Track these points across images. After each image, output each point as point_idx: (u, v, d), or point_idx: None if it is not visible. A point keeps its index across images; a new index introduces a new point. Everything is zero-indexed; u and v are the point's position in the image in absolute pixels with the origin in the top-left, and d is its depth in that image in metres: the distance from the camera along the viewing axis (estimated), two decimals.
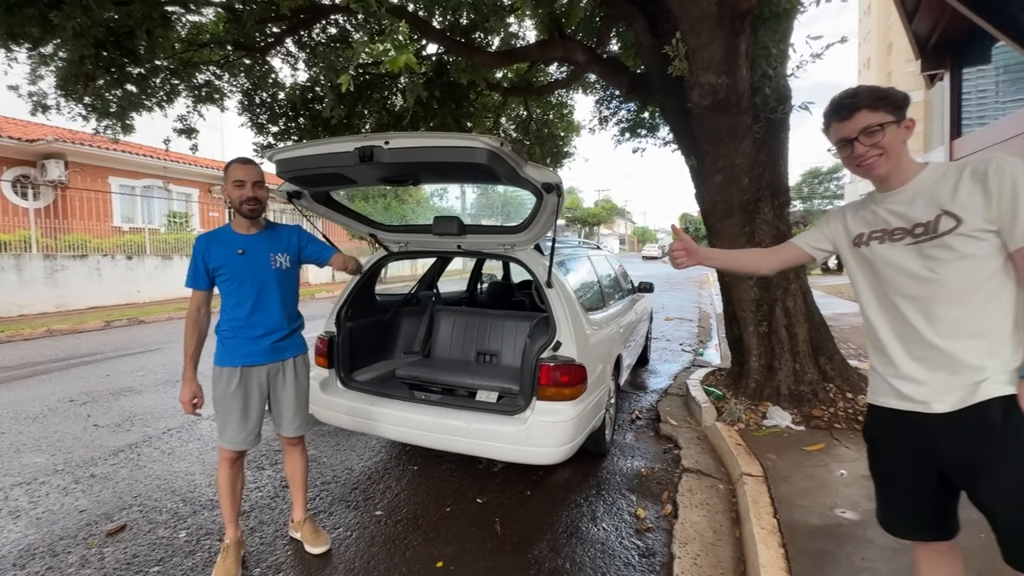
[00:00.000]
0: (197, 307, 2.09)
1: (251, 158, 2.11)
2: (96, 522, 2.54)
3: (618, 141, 9.05)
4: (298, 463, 2.33)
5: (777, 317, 3.77)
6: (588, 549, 2.33)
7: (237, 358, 2.09)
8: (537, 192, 2.36)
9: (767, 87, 3.18)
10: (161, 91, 6.29)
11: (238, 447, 2.11)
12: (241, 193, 2.03)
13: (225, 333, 2.11)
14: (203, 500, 2.75)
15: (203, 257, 2.06)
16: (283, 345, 2.18)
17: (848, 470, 2.76)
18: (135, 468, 3.15)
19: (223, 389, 2.08)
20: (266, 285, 2.11)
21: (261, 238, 2.14)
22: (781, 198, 3.84)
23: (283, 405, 2.20)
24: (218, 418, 2.11)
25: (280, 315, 2.15)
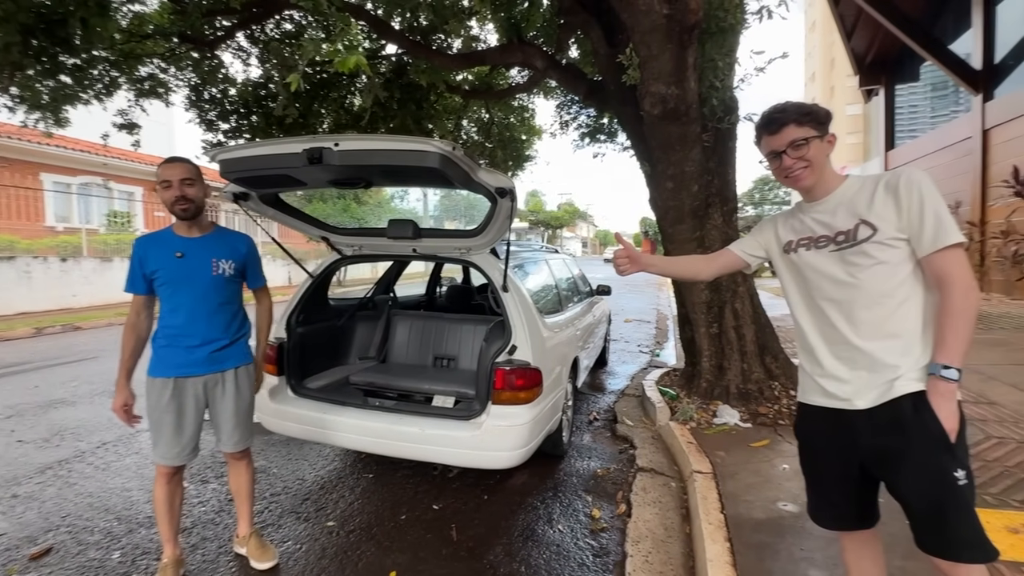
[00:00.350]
0: (136, 312, 2.00)
1: (181, 156, 2.03)
2: (17, 546, 2.35)
3: (578, 146, 9.17)
4: (242, 477, 2.25)
5: (727, 319, 3.92)
6: (543, 552, 2.35)
7: (170, 368, 1.99)
8: (491, 197, 2.36)
9: (714, 98, 3.32)
10: (99, 83, 5.93)
11: (172, 462, 2.01)
12: (169, 194, 1.93)
13: (160, 342, 2.01)
14: (140, 518, 2.60)
15: (140, 260, 1.97)
16: (222, 355, 2.07)
17: (790, 464, 2.89)
18: (64, 486, 2.94)
19: (155, 400, 1.98)
20: (205, 292, 2.01)
21: (204, 242, 2.04)
22: (730, 204, 4.00)
23: (221, 418, 2.10)
24: (152, 432, 2.01)
25: (219, 324, 2.06)
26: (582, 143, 9.11)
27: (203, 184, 2.00)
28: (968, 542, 1.22)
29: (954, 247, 1.21)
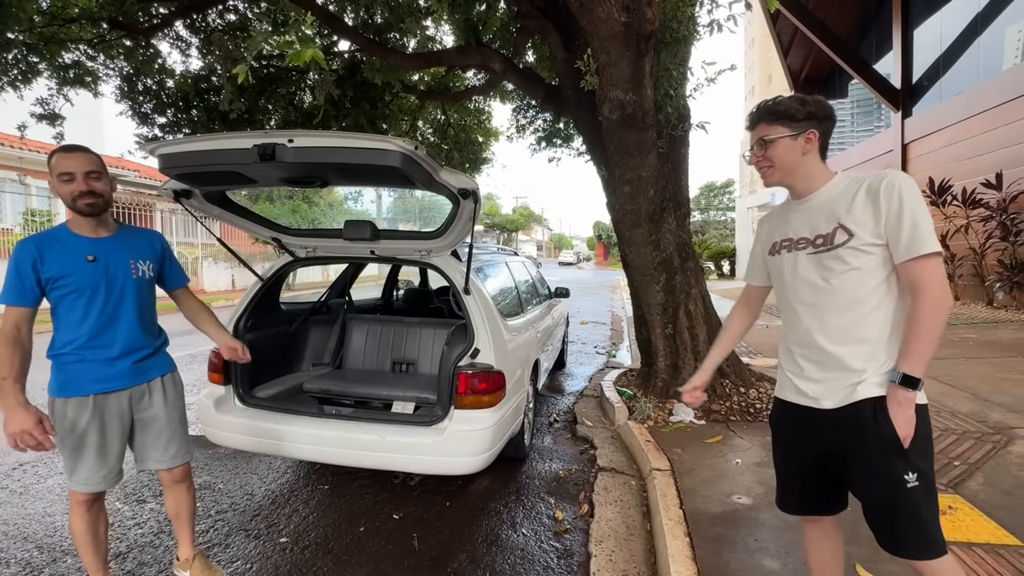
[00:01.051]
0: (16, 326, 1.67)
1: (79, 145, 1.78)
2: None
3: (535, 150, 9.24)
4: (182, 497, 2.02)
5: (680, 320, 4.05)
6: (508, 557, 2.33)
7: (88, 384, 1.76)
8: (453, 198, 2.32)
9: (669, 106, 3.43)
10: (15, 69, 5.42)
11: (98, 487, 1.80)
12: (72, 188, 1.69)
13: (68, 357, 1.76)
14: (65, 545, 2.36)
15: (34, 266, 1.68)
16: (147, 364, 1.89)
17: (743, 459, 3.01)
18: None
19: (71, 423, 1.74)
20: (124, 297, 1.81)
21: (116, 242, 1.82)
22: (683, 209, 4.14)
23: (156, 433, 1.90)
24: (66, 458, 1.78)
25: (142, 330, 1.87)
26: (539, 147, 9.19)
27: (109, 177, 1.79)
28: (914, 540, 1.26)
29: (930, 256, 1.20)
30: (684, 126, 3.77)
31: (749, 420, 3.63)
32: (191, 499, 2.06)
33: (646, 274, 4.01)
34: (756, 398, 3.89)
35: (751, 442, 3.25)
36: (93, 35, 5.90)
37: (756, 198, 23.20)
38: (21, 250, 1.70)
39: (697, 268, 4.24)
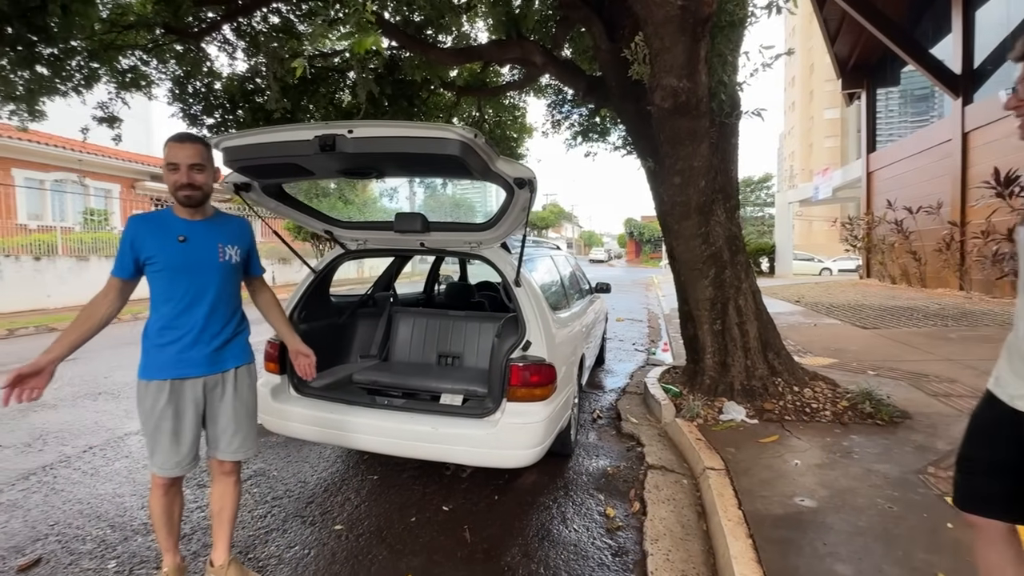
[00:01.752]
0: (106, 292, 1.76)
1: (192, 134, 1.82)
2: (3, 557, 2.20)
3: (570, 145, 9.16)
4: (229, 496, 1.99)
5: (730, 315, 3.92)
6: (561, 552, 2.29)
7: (166, 369, 1.78)
8: (507, 187, 2.30)
9: (722, 93, 3.31)
10: (78, 75, 5.70)
11: (171, 473, 1.82)
12: (175, 178, 1.74)
13: (152, 339, 1.80)
14: (135, 524, 2.47)
15: (132, 242, 1.74)
16: (224, 354, 1.89)
17: (801, 460, 2.89)
18: (51, 493, 2.78)
19: (150, 406, 1.77)
20: (209, 281, 1.82)
21: (208, 225, 1.86)
22: (732, 201, 4.00)
23: (220, 424, 1.90)
24: (147, 441, 1.82)
25: (222, 317, 1.87)
26: (574, 142, 9.10)
27: (213, 169, 1.83)
28: None
29: None
30: (736, 114, 3.64)
31: (805, 420, 3.47)
32: (236, 495, 2.03)
33: (694, 268, 3.89)
34: (812, 398, 3.72)
35: (809, 443, 3.11)
36: (148, 40, 6.16)
37: (797, 192, 22.37)
38: (128, 226, 1.79)
39: (747, 262, 4.10)
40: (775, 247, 22.23)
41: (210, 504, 2.06)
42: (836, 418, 3.46)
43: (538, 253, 3.77)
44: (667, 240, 4.09)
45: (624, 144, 8.50)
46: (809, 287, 14.31)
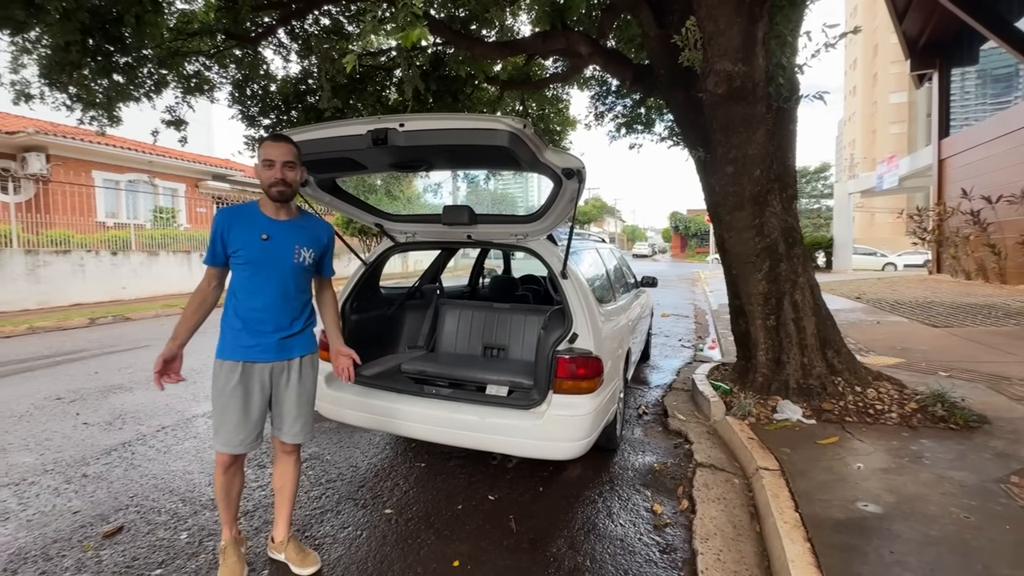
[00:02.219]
0: (208, 281, 1.94)
1: (285, 135, 1.93)
2: (91, 524, 2.42)
3: (614, 137, 9.00)
4: (290, 474, 2.13)
5: (785, 311, 3.75)
6: (607, 546, 2.27)
7: (239, 351, 1.90)
8: (555, 178, 2.28)
9: (780, 76, 3.14)
10: (149, 81, 6.10)
11: (235, 450, 1.92)
12: (270, 174, 1.85)
13: (230, 323, 1.93)
14: (203, 500, 2.64)
15: (222, 234, 1.88)
16: (291, 343, 2.00)
17: (865, 463, 2.73)
18: (129, 467, 3.02)
19: (222, 384, 1.90)
20: (284, 277, 1.94)
21: (290, 227, 1.96)
22: (789, 191, 3.82)
23: (284, 408, 2.02)
24: (215, 417, 1.92)
25: (292, 311, 1.99)
26: (618, 134, 8.94)
27: (301, 168, 1.93)
28: None
29: None
30: (795, 99, 3.45)
31: (868, 422, 3.28)
32: (296, 474, 2.15)
33: (747, 261, 3.74)
34: (876, 398, 3.51)
35: (874, 446, 2.94)
36: (210, 46, 6.51)
37: (859, 182, 21.02)
38: (217, 219, 1.90)
39: (805, 255, 3.90)
40: (832, 240, 21.01)
41: (272, 481, 2.20)
42: (903, 421, 3.25)
43: (584, 246, 3.73)
44: (717, 232, 3.95)
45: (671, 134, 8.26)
46: (871, 283, 13.47)
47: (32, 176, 12.18)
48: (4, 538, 2.30)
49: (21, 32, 4.82)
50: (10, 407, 4.11)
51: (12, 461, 3.11)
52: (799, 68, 3.36)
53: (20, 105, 5.61)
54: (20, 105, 5.61)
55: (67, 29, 4.32)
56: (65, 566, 2.10)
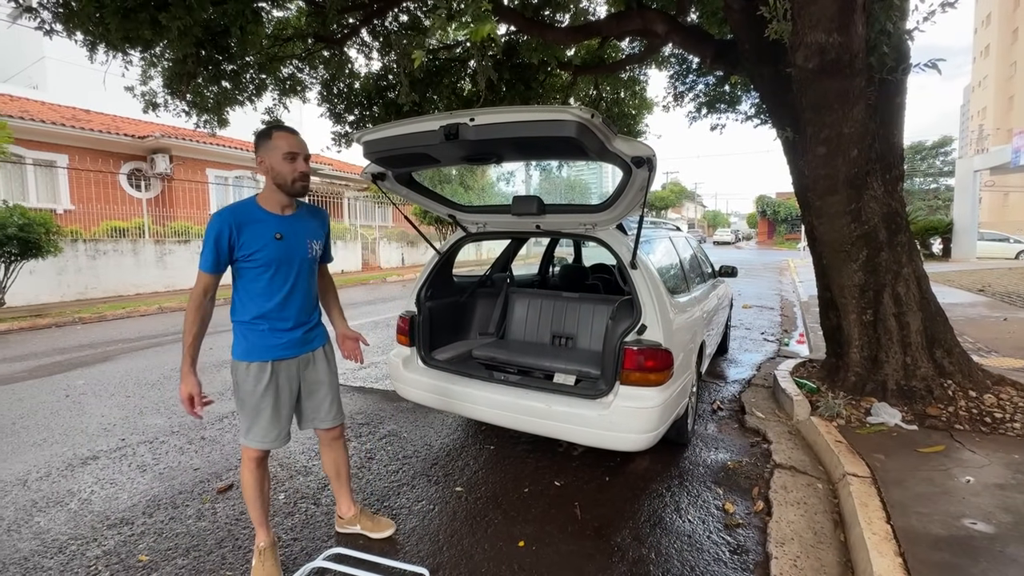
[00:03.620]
0: (204, 291, 1.82)
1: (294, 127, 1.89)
2: (207, 480, 2.78)
3: (694, 118, 8.57)
4: (342, 456, 2.20)
5: (885, 304, 3.40)
6: (674, 541, 2.24)
7: (267, 351, 1.89)
8: (625, 167, 2.24)
9: (885, 44, 2.81)
10: (251, 85, 6.70)
11: (270, 446, 1.93)
12: (295, 167, 1.79)
13: (248, 325, 1.89)
14: (297, 466, 2.94)
15: (230, 238, 1.78)
16: (312, 335, 2.02)
17: (976, 477, 2.44)
18: (237, 434, 3.42)
19: (252, 386, 1.87)
20: (300, 273, 1.93)
21: (297, 221, 1.92)
22: (894, 172, 3.44)
23: (320, 396, 2.05)
24: (244, 417, 1.91)
25: (309, 305, 2.00)
26: (698, 115, 8.50)
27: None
28: None
29: None
30: (902, 68, 3.08)
31: (984, 431, 2.92)
32: (346, 456, 2.22)
33: (840, 250, 3.43)
34: (995, 405, 3.11)
35: (989, 458, 2.62)
36: (301, 50, 7.01)
37: (988, 158, 18.25)
38: (219, 223, 1.77)
39: (910, 243, 3.51)
40: (952, 225, 18.51)
41: (325, 470, 2.25)
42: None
43: (656, 235, 3.62)
44: (807, 218, 3.66)
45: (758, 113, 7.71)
46: (999, 273, 11.77)
47: (159, 175, 13.90)
48: (143, 487, 2.72)
49: (148, 48, 5.50)
50: (145, 376, 4.79)
51: (148, 422, 3.64)
52: (908, 34, 3.00)
53: (149, 113, 6.43)
54: (149, 113, 6.43)
55: (185, 43, 4.86)
56: (188, 514, 2.45)
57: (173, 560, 2.10)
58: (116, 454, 3.12)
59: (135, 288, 10.95)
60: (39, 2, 4.49)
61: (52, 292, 9.68)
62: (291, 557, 2.12)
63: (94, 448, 3.21)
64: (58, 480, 2.79)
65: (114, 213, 11.75)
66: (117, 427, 3.56)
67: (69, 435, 3.42)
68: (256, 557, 1.96)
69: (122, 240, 10.89)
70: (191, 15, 4.45)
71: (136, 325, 7.68)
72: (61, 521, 2.39)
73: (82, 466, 2.96)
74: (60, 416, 3.78)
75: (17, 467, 2.95)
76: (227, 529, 2.32)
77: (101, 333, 7.06)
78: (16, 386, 4.54)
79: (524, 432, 2.71)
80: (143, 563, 2.08)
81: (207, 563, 2.08)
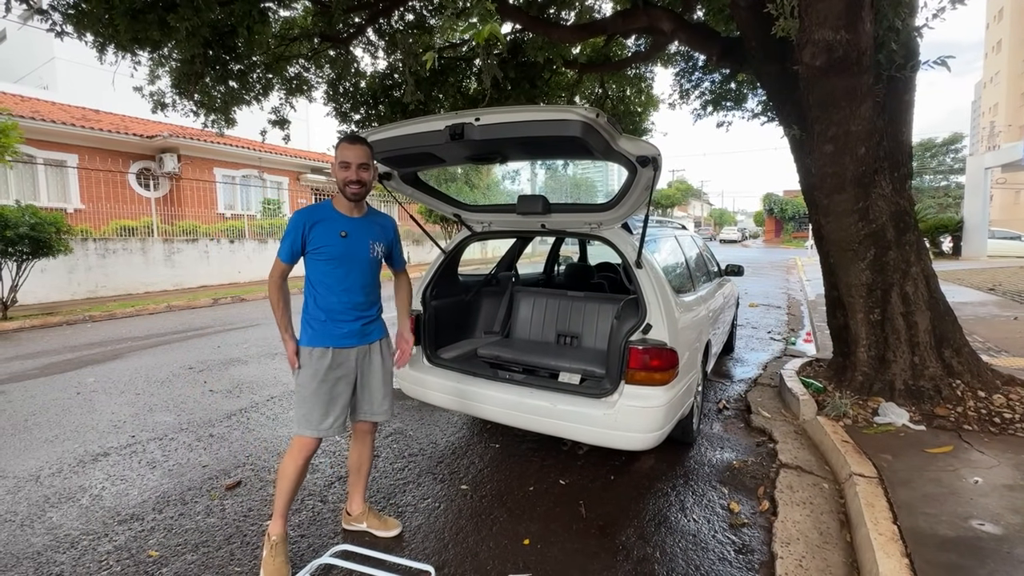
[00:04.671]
0: (282, 275, 2.03)
1: (360, 137, 2.05)
2: (216, 477, 2.82)
3: (699, 116, 8.51)
4: (368, 451, 2.27)
5: (893, 304, 3.38)
6: (679, 540, 2.24)
7: (329, 339, 2.01)
8: (630, 166, 2.24)
9: (893, 41, 2.78)
10: (258, 85, 6.74)
11: (325, 433, 2.00)
12: (346, 175, 1.96)
13: (313, 314, 2.03)
14: None
15: (303, 232, 1.97)
16: (371, 328, 2.14)
17: (984, 477, 2.43)
18: (246, 431, 3.46)
19: (313, 371, 1.98)
20: (362, 271, 2.07)
21: (364, 224, 2.07)
22: (902, 169, 3.41)
23: (374, 388, 2.14)
24: (303, 404, 1.99)
25: (369, 300, 2.12)
26: (704, 112, 8.45)
27: (374, 168, 2.05)
28: None
29: None
30: (911, 65, 3.06)
31: (993, 432, 2.90)
32: (372, 452, 2.30)
33: (847, 249, 3.41)
34: (1004, 406, 3.08)
35: (998, 459, 2.60)
36: (308, 49, 7.03)
37: (1000, 155, 18.02)
38: (299, 220, 1.98)
39: (919, 242, 3.48)
40: (962, 223, 18.31)
41: (349, 461, 2.31)
42: None
43: (662, 233, 3.61)
44: (814, 217, 3.64)
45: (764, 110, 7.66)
46: (1011, 272, 11.64)
47: (167, 174, 14.01)
48: (153, 483, 2.75)
49: (157, 49, 5.54)
50: (155, 373, 4.85)
51: (157, 419, 3.69)
52: (917, 31, 2.97)
53: (157, 113, 6.48)
54: (157, 113, 6.48)
55: (192, 44, 4.89)
56: (197, 510, 2.48)
57: (183, 556, 2.13)
58: (126, 451, 3.16)
59: (144, 286, 11.06)
60: (50, 4, 4.54)
61: (63, 290, 9.80)
62: (298, 553, 2.14)
63: (105, 445, 3.25)
64: (70, 476, 2.84)
65: (123, 212, 11.86)
66: (127, 424, 3.61)
67: (80, 432, 3.47)
68: (267, 550, 1.98)
69: (131, 239, 11.00)
70: (199, 16, 4.48)
71: (145, 323, 7.76)
72: (73, 516, 2.43)
73: (93, 462, 3.00)
74: (71, 413, 3.84)
75: (30, 463, 3.00)
76: (235, 526, 2.35)
77: (111, 331, 7.14)
78: (28, 383, 4.60)
79: (529, 431, 2.72)
80: (153, 558, 2.12)
81: (216, 559, 2.11)
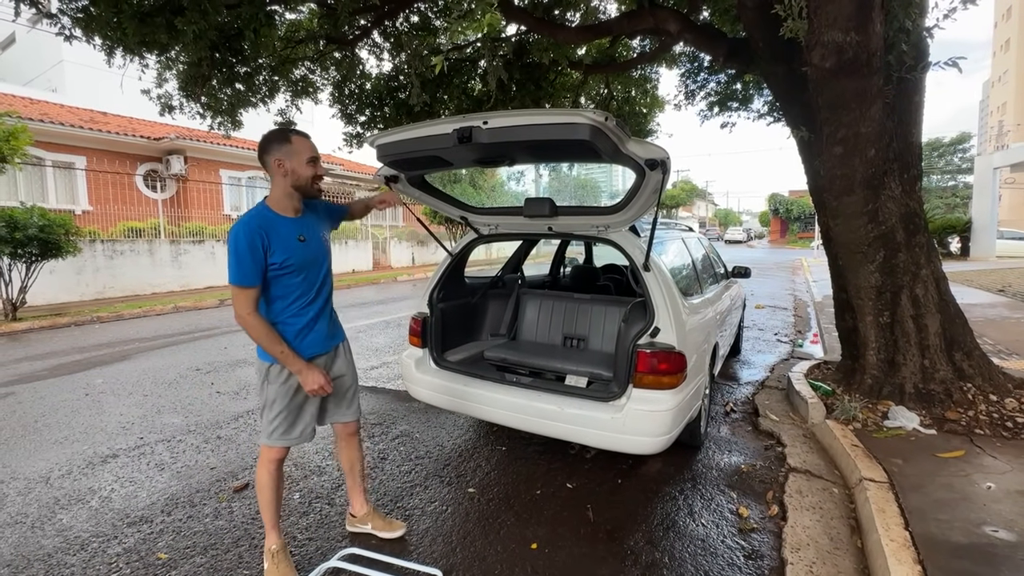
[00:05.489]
0: (255, 306, 1.78)
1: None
2: (224, 479, 2.82)
3: (705, 116, 8.51)
4: (357, 452, 2.23)
5: (903, 306, 3.35)
6: (687, 545, 2.23)
7: (300, 350, 1.88)
8: (638, 169, 2.23)
9: (904, 43, 2.76)
10: (264, 87, 6.77)
11: (294, 443, 1.95)
12: (314, 170, 1.84)
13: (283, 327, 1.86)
14: (311, 466, 2.97)
15: (264, 249, 1.74)
16: (333, 331, 2.06)
17: (997, 483, 2.40)
18: (253, 433, 3.47)
19: (287, 386, 1.89)
20: (324, 270, 1.97)
21: (309, 220, 1.94)
22: (912, 171, 3.38)
23: (342, 390, 2.09)
24: (275, 416, 1.91)
25: (330, 300, 2.03)
26: (710, 113, 8.44)
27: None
28: None
29: None
30: (921, 66, 3.03)
31: (1005, 436, 2.87)
32: (361, 451, 2.25)
33: (856, 251, 3.39)
34: (1017, 409, 3.05)
35: (1011, 464, 2.57)
36: (313, 52, 7.06)
37: (1009, 154, 17.88)
38: (251, 235, 1.73)
39: (929, 244, 3.45)
40: (970, 223, 18.16)
41: (341, 464, 2.29)
42: None
43: (669, 235, 3.60)
44: (822, 219, 3.61)
45: (771, 111, 7.63)
46: (1020, 273, 11.53)
47: (174, 176, 14.10)
48: (161, 485, 2.77)
49: (164, 52, 5.58)
50: (162, 375, 4.87)
51: (165, 421, 3.70)
52: (928, 32, 2.94)
53: (164, 115, 6.52)
54: (164, 115, 6.52)
55: (199, 47, 4.92)
56: (205, 512, 2.49)
57: (192, 559, 2.14)
58: (135, 452, 3.18)
59: (151, 288, 11.13)
60: (59, 8, 4.58)
61: (71, 292, 9.88)
62: (306, 557, 2.14)
63: (113, 446, 3.27)
64: (79, 478, 2.85)
65: (130, 214, 11.95)
66: (135, 426, 3.62)
67: (89, 433, 3.49)
68: (268, 560, 1.96)
69: (138, 240, 11.07)
70: (206, 19, 4.50)
71: (153, 324, 7.81)
72: (83, 518, 2.44)
73: (102, 464, 3.02)
74: (80, 414, 3.86)
75: (40, 464, 3.02)
76: (243, 528, 2.35)
77: (119, 332, 7.19)
78: (38, 384, 4.64)
79: (536, 434, 2.71)
80: (163, 561, 2.12)
81: (224, 561, 2.11)
